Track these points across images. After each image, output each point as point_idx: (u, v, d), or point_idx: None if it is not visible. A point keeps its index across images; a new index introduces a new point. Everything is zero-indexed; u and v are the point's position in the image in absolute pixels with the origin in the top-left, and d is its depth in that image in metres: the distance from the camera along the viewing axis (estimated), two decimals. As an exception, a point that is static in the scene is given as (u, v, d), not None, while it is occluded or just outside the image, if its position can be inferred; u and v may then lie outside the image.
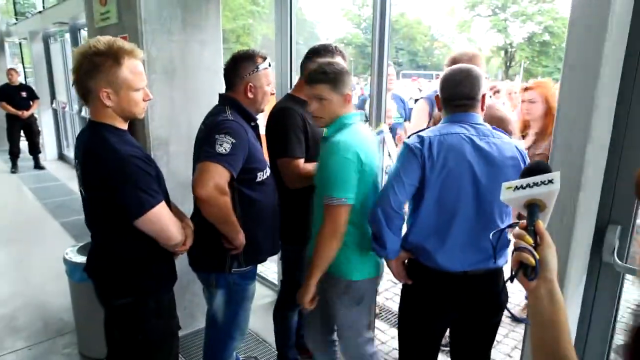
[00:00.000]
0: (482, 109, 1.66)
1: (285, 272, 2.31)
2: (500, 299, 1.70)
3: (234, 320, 2.00)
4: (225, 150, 1.64)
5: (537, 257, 0.79)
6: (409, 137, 1.66)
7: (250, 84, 1.84)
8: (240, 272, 1.89)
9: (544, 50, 28.42)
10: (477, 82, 1.60)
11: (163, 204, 1.49)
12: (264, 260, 2.07)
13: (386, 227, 1.62)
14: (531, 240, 0.81)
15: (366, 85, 12.56)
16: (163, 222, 1.49)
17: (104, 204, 1.48)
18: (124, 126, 1.54)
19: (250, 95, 1.85)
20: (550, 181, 0.86)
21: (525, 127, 2.78)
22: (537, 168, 0.91)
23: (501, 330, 2.95)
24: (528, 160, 1.65)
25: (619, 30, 1.31)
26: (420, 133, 1.64)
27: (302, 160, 2.03)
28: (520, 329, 2.96)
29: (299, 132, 2.03)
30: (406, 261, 1.74)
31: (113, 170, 1.41)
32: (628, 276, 1.53)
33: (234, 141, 1.66)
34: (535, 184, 0.87)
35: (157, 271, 1.62)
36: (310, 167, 2.01)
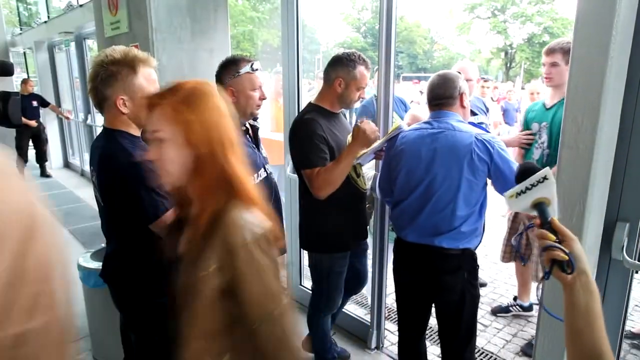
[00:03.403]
0: (462, 106, 1.94)
1: (317, 279, 2.33)
2: (444, 279, 1.88)
3: None
4: None
5: (568, 251, 0.82)
6: None
7: (231, 88, 1.83)
8: None
9: (544, 51, 28.42)
10: (451, 84, 1.90)
11: None
12: None
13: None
14: (554, 237, 0.84)
15: (371, 89, 12.58)
16: None
17: (120, 208, 1.51)
18: (138, 133, 1.58)
19: (233, 99, 1.83)
20: (545, 178, 0.90)
21: None
22: (526, 171, 0.94)
23: (510, 330, 2.98)
24: (493, 147, 1.78)
25: (625, 29, 1.34)
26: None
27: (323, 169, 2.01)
28: (530, 327, 2.98)
29: (318, 141, 2.02)
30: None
31: (128, 174, 1.44)
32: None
33: None
34: (533, 185, 0.91)
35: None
36: (324, 171, 2.00)
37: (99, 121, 6.78)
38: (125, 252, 1.62)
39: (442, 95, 1.90)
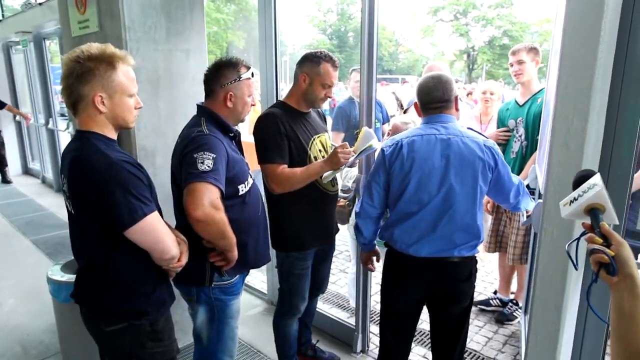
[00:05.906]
0: (457, 109, 1.87)
1: (280, 279, 2.27)
2: (459, 288, 1.85)
3: (219, 340, 1.87)
4: (208, 167, 1.58)
5: (611, 254, 0.85)
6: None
7: (230, 93, 1.76)
8: (221, 286, 1.80)
9: (504, 54, 29.44)
10: (448, 86, 1.81)
11: (156, 213, 1.42)
12: (244, 271, 1.95)
13: (361, 218, 1.92)
14: (600, 241, 0.88)
15: (340, 92, 12.53)
16: (157, 232, 1.41)
17: (94, 216, 1.38)
18: (114, 136, 1.47)
19: (229, 104, 1.78)
20: (595, 184, 0.95)
21: None
22: (582, 178, 0.99)
23: (491, 327, 3.03)
24: (498, 157, 1.77)
25: (611, 30, 1.37)
26: (396, 136, 1.84)
27: (281, 166, 1.98)
28: (511, 324, 3.04)
29: (278, 137, 1.98)
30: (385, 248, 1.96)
31: (103, 175, 1.33)
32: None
33: (214, 155, 1.61)
34: (584, 192, 0.96)
35: (152, 292, 1.52)
36: (290, 172, 1.98)
37: (61, 125, 6.48)
38: (100, 268, 1.47)
39: (441, 98, 1.80)
